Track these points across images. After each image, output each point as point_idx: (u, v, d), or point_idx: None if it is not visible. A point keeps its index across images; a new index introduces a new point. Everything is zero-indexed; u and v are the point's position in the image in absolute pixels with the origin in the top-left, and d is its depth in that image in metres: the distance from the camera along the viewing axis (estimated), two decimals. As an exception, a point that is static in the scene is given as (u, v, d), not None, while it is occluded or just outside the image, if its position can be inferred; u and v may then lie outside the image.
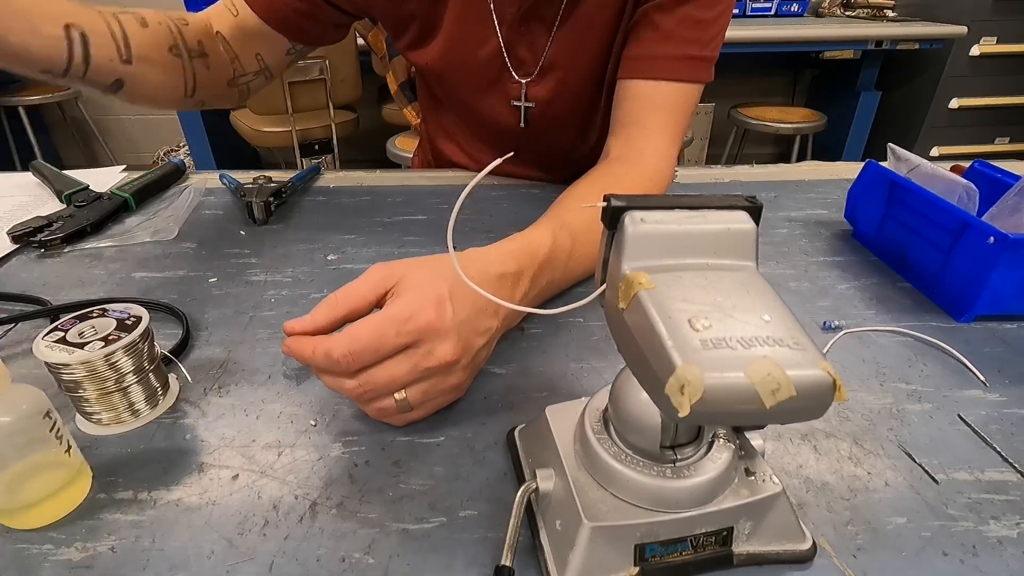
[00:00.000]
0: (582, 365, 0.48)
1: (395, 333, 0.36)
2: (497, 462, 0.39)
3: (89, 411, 0.40)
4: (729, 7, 0.65)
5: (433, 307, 0.37)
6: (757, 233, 0.29)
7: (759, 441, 0.34)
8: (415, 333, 0.36)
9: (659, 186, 0.64)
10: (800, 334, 0.24)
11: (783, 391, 0.22)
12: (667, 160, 0.65)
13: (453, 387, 0.40)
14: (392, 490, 0.37)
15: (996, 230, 0.49)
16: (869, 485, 0.37)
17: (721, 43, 0.65)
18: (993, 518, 0.35)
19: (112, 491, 0.37)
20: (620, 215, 0.28)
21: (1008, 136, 2.77)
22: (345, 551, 0.33)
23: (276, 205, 0.74)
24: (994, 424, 0.42)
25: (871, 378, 0.46)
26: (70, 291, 0.57)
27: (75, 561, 0.32)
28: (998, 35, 2.49)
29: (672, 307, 0.25)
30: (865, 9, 2.72)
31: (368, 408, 0.39)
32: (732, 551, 0.32)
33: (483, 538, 0.34)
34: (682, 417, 0.22)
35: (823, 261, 0.63)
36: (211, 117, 2.41)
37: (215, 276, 0.60)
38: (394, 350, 0.36)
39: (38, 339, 0.38)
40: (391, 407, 0.38)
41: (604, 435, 0.32)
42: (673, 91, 0.64)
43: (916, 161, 0.62)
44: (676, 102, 0.65)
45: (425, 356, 0.37)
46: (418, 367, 0.37)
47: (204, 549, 0.33)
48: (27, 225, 0.67)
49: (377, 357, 0.36)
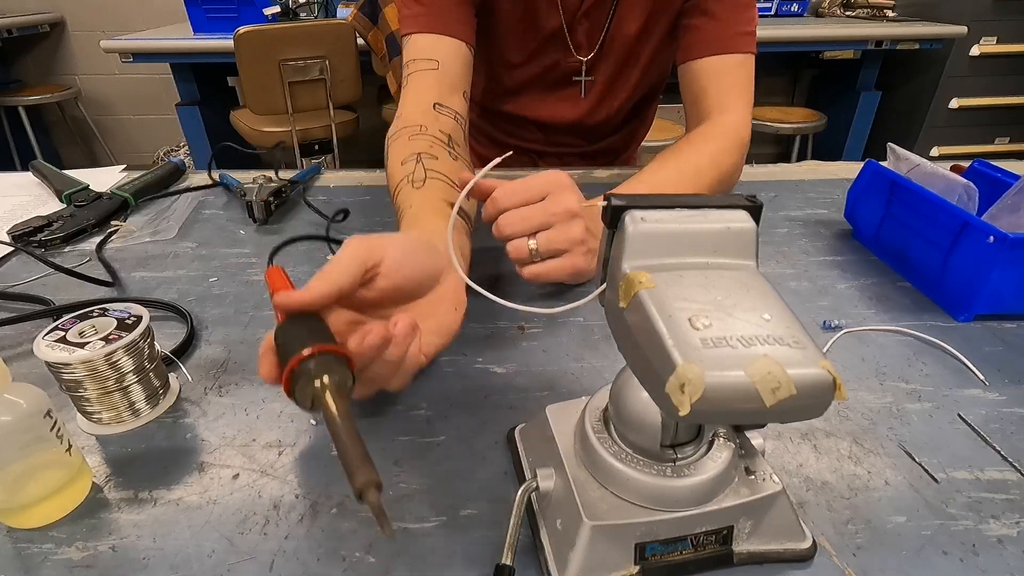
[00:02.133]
0: (582, 365, 0.48)
1: (536, 183, 0.47)
2: (497, 461, 0.39)
3: (89, 410, 0.40)
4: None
5: (563, 174, 0.48)
6: (757, 232, 0.29)
7: (759, 440, 0.34)
8: (549, 185, 0.47)
9: (741, 149, 0.71)
10: (800, 333, 0.24)
11: (783, 390, 0.22)
12: (746, 124, 0.72)
13: (572, 240, 0.47)
14: (392, 490, 0.37)
15: (996, 229, 0.49)
16: (869, 484, 0.37)
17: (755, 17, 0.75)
18: (993, 517, 0.35)
19: (113, 490, 0.37)
20: (620, 214, 0.28)
21: (1008, 136, 2.76)
22: (345, 550, 0.33)
23: (276, 205, 0.74)
24: (994, 423, 0.42)
25: (871, 377, 0.46)
26: (70, 291, 0.57)
27: (75, 560, 0.32)
28: (998, 35, 2.49)
29: (672, 306, 0.25)
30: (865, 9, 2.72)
31: (509, 249, 0.47)
32: (732, 550, 0.32)
33: (483, 537, 0.34)
34: (682, 416, 0.22)
35: (823, 261, 0.63)
36: (211, 117, 2.41)
37: (215, 276, 0.60)
38: (533, 197, 0.47)
39: (39, 339, 0.38)
40: (524, 249, 0.47)
41: (604, 434, 0.32)
42: (737, 62, 0.73)
43: (916, 161, 0.62)
44: (744, 71, 0.74)
45: (553, 203, 0.47)
46: (546, 211, 0.47)
47: (205, 548, 0.33)
48: (27, 225, 0.67)
49: (521, 199, 0.47)
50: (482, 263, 0.61)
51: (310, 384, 0.30)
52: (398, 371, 0.39)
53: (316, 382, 0.30)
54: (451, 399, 0.44)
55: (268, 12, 2.26)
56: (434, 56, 0.69)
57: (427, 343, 0.41)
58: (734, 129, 0.70)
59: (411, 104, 0.66)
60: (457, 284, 0.45)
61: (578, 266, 0.48)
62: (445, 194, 0.54)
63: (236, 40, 1.88)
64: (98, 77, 3.19)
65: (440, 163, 0.58)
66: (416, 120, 0.63)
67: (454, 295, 0.45)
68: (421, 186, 0.55)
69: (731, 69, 0.73)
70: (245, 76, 1.97)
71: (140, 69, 2.98)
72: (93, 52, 3.04)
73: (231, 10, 2.27)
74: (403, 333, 0.36)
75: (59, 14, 3.02)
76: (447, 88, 0.68)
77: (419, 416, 0.43)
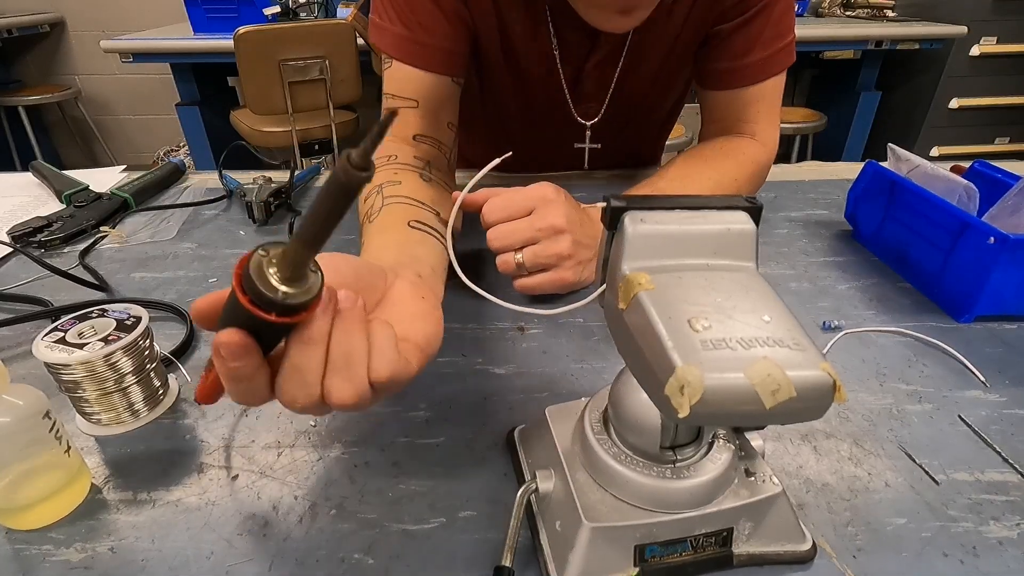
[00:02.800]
0: (582, 365, 0.48)
1: (521, 197, 0.49)
2: (497, 462, 0.39)
3: (89, 411, 0.40)
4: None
5: (550, 188, 0.49)
6: (757, 233, 0.28)
7: (759, 442, 0.34)
8: (535, 200, 0.49)
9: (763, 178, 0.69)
10: (800, 335, 0.24)
11: (783, 392, 0.22)
12: (773, 143, 0.69)
13: (559, 255, 0.48)
14: (392, 491, 0.37)
15: (996, 230, 0.49)
16: (869, 486, 0.37)
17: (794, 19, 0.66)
18: (993, 519, 0.35)
19: (111, 492, 0.37)
20: (620, 215, 0.28)
21: (1008, 136, 2.76)
22: (345, 552, 0.33)
23: (276, 205, 0.74)
24: (994, 424, 0.42)
25: (871, 378, 0.46)
26: (70, 291, 0.57)
27: (74, 561, 0.32)
28: (998, 35, 2.49)
29: (672, 307, 0.25)
30: (865, 9, 2.72)
31: (497, 262, 0.49)
32: (732, 552, 0.32)
33: (483, 539, 0.34)
34: (682, 418, 0.22)
35: (823, 261, 0.63)
36: (211, 117, 2.41)
37: (215, 276, 0.60)
38: (518, 212, 0.48)
39: (38, 339, 0.38)
40: (510, 262, 0.48)
41: (604, 436, 0.32)
42: (768, 85, 0.66)
43: (916, 161, 0.62)
44: (773, 92, 0.67)
45: (539, 218, 0.48)
46: (532, 226, 0.48)
47: (204, 550, 0.33)
48: (27, 225, 0.67)
49: (506, 214, 0.48)
50: (481, 265, 0.61)
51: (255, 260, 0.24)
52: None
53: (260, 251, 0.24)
54: (450, 400, 0.44)
55: (268, 12, 2.26)
56: (414, 95, 0.63)
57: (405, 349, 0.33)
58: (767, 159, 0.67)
59: (389, 139, 0.62)
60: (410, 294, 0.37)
61: (566, 279, 0.49)
62: (404, 215, 0.50)
63: (236, 40, 1.88)
64: (98, 77, 3.19)
65: (403, 187, 0.54)
66: (388, 152, 0.60)
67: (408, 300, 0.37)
68: (376, 217, 0.51)
69: (767, 94, 0.66)
70: (245, 76, 1.97)
71: (140, 69, 2.98)
72: (93, 52, 3.04)
73: (231, 10, 2.27)
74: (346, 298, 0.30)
75: (59, 14, 3.02)
76: (429, 123, 0.64)
77: (418, 417, 0.42)
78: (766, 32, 0.63)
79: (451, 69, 0.64)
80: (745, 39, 0.64)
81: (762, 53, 0.64)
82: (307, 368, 0.28)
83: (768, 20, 0.63)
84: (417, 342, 0.34)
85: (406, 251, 0.44)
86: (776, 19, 0.63)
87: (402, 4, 0.61)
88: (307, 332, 0.27)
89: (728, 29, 0.64)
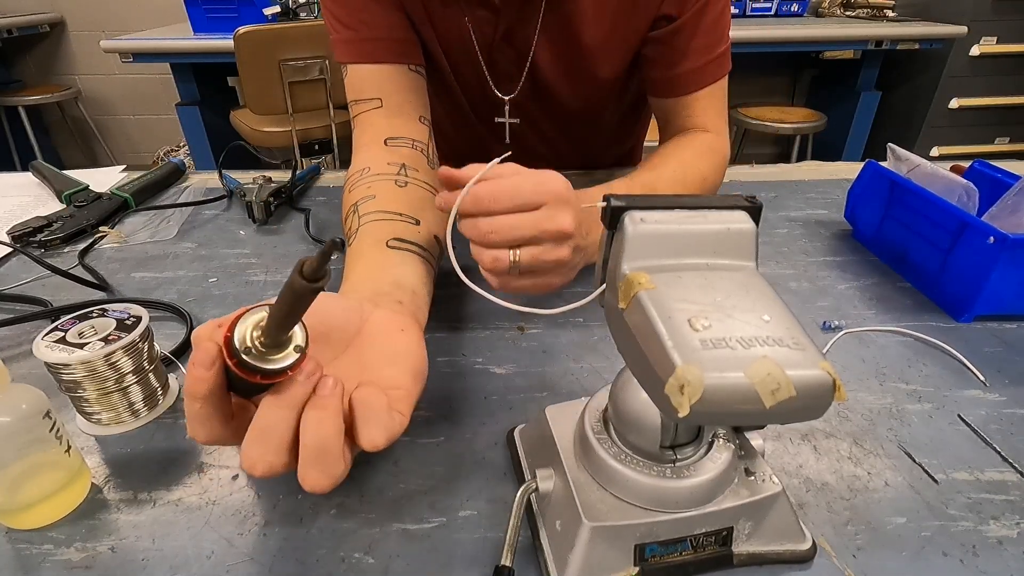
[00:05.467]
0: (582, 365, 0.48)
1: (531, 188, 0.42)
2: (497, 462, 0.39)
3: (89, 411, 0.40)
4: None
5: (563, 183, 0.43)
6: (757, 233, 0.29)
7: (759, 441, 0.34)
8: (546, 195, 0.42)
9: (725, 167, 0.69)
10: (800, 334, 0.24)
11: (783, 391, 0.22)
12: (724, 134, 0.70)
13: (559, 261, 0.43)
14: (392, 490, 0.37)
15: (996, 230, 0.49)
16: (869, 485, 0.37)
17: (729, 23, 0.68)
18: (993, 518, 0.35)
19: (112, 491, 0.37)
20: (620, 215, 0.28)
21: (1008, 136, 2.76)
22: (345, 551, 0.33)
23: (276, 205, 0.74)
24: (994, 424, 0.42)
25: (871, 378, 0.46)
26: (70, 291, 0.57)
27: (75, 561, 0.32)
28: (998, 35, 2.49)
29: (672, 307, 0.25)
30: (865, 9, 2.72)
31: (485, 257, 0.42)
32: (732, 551, 0.32)
33: (483, 538, 0.34)
34: (682, 417, 0.22)
35: (823, 261, 0.63)
36: (211, 117, 2.41)
37: (215, 276, 0.60)
38: (525, 204, 0.41)
39: (38, 339, 0.38)
40: (504, 261, 0.42)
41: (604, 435, 0.32)
42: (708, 92, 0.68)
43: (916, 161, 0.62)
44: (715, 97, 0.69)
45: (547, 219, 0.42)
46: (538, 226, 0.41)
47: (204, 549, 0.33)
48: (27, 225, 0.67)
49: (511, 204, 0.41)
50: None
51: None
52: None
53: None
54: (450, 400, 0.44)
55: (268, 12, 2.26)
56: (376, 94, 0.62)
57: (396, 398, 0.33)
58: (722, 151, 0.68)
59: (363, 148, 0.61)
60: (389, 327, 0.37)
61: (553, 285, 0.46)
62: (380, 234, 0.48)
63: (236, 40, 1.88)
64: (98, 77, 3.19)
65: (378, 200, 0.52)
66: (362, 164, 0.58)
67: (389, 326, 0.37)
68: (353, 239, 0.49)
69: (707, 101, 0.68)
70: (245, 76, 1.97)
71: (140, 69, 2.98)
72: (93, 52, 3.04)
73: (231, 10, 2.27)
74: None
75: (59, 14, 3.02)
76: (398, 122, 0.62)
77: (418, 417, 0.42)
78: (695, 41, 0.64)
79: (402, 57, 0.64)
80: (674, 49, 0.65)
81: (694, 63, 0.65)
82: (273, 431, 0.29)
83: (698, 28, 0.63)
84: (406, 387, 0.34)
85: (386, 277, 0.43)
86: (708, 27, 0.63)
87: (341, 10, 0.62)
88: (280, 395, 0.29)
89: (658, 36, 0.65)
